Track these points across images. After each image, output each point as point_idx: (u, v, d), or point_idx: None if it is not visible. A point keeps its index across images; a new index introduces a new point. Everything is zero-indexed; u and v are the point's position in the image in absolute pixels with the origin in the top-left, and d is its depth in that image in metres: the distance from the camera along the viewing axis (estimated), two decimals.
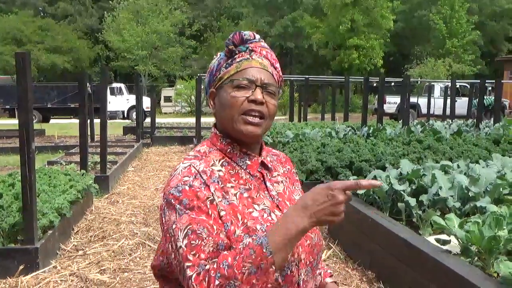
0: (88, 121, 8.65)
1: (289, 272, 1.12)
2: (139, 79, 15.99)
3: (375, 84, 18.74)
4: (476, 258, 2.93)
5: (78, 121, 6.90)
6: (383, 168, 5.51)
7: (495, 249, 2.81)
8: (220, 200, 1.11)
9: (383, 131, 9.01)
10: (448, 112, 15.60)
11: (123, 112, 25.96)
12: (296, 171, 1.46)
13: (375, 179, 4.58)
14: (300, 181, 1.43)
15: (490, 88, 21.74)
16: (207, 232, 1.05)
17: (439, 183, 4.08)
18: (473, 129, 10.38)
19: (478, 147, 6.89)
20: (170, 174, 1.18)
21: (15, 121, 4.44)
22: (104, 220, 5.51)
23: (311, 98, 29.38)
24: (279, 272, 1.05)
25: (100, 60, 40.80)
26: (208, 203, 1.08)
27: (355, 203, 4.39)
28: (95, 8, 43.82)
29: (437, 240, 3.22)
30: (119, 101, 25.78)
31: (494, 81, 13.56)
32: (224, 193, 1.13)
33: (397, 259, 3.48)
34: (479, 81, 13.80)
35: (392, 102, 22.38)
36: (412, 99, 20.44)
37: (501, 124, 10.41)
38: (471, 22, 35.04)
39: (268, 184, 1.24)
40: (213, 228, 1.06)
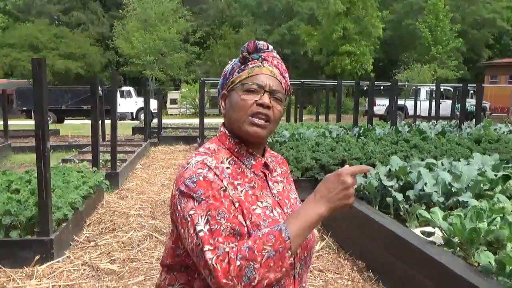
0: (100, 122, 8.64)
1: None
2: (147, 83, 16.01)
3: (365, 88, 18.76)
4: (458, 248, 2.94)
5: (90, 122, 6.89)
6: (373, 166, 5.51)
7: (476, 240, 2.82)
8: (233, 192, 1.12)
9: (373, 131, 9.00)
10: (433, 113, 15.60)
11: (132, 113, 25.93)
12: (290, 172, 1.46)
13: (365, 176, 4.58)
14: (295, 177, 1.44)
15: (472, 92, 21.73)
16: (226, 217, 1.06)
17: (425, 179, 4.09)
18: (456, 129, 10.39)
19: (461, 146, 6.89)
20: (183, 167, 1.17)
21: (32, 122, 4.44)
22: (114, 213, 5.50)
23: (307, 100, 29.36)
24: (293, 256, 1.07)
25: (110, 65, 40.74)
26: (222, 192, 1.09)
27: None
28: (106, 17, 43.73)
29: (422, 232, 3.23)
30: (128, 103, 25.75)
31: (475, 85, 13.55)
32: (234, 188, 1.14)
33: (385, 250, 3.49)
34: (461, 85, 13.79)
35: (381, 104, 22.37)
36: (400, 102, 20.43)
37: (482, 125, 10.42)
38: (454, 31, 35.03)
39: (270, 183, 1.25)
40: (230, 212, 1.07)
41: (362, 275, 3.68)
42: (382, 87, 23.46)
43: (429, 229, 3.27)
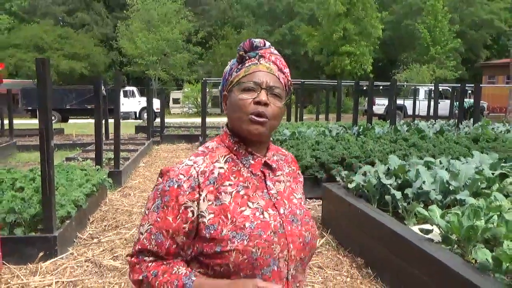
0: (103, 121, 8.64)
1: (276, 268, 1.11)
2: (150, 83, 15.98)
3: (365, 88, 18.74)
4: (455, 246, 2.93)
5: (94, 121, 6.89)
6: (372, 164, 5.50)
7: (473, 237, 2.81)
8: (210, 203, 1.11)
9: (372, 130, 9.00)
10: (431, 113, 15.58)
11: (135, 112, 25.92)
12: (300, 173, 1.43)
13: (364, 174, 4.57)
14: None
15: (470, 91, 21.68)
16: (161, 237, 1.11)
17: (423, 177, 4.08)
18: (454, 128, 10.37)
19: (459, 145, 6.88)
20: (178, 162, 1.18)
21: (37, 121, 4.44)
22: (117, 211, 5.50)
23: (307, 100, 29.37)
24: (266, 268, 1.09)
25: (114, 65, 40.73)
26: (183, 208, 1.10)
27: (346, 196, 4.38)
28: (110, 18, 43.66)
29: (420, 230, 3.22)
30: (132, 102, 25.74)
31: (473, 85, 13.52)
32: (218, 194, 1.12)
33: (384, 247, 3.48)
34: (460, 85, 13.76)
35: (380, 104, 22.33)
36: (399, 101, 20.42)
37: (479, 124, 10.40)
38: (453, 31, 34.92)
39: (268, 183, 1.22)
40: (168, 233, 1.11)
41: (361, 272, 3.68)
42: (381, 87, 23.45)
43: (427, 226, 3.27)
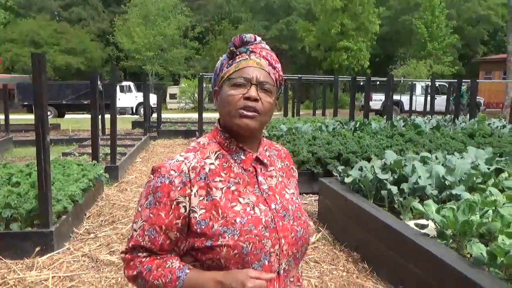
0: (100, 116, 8.62)
1: (266, 263, 1.11)
2: (147, 78, 15.95)
3: (362, 83, 18.73)
4: (451, 240, 2.94)
5: (90, 116, 6.87)
6: (368, 159, 5.51)
7: (468, 232, 2.82)
8: (201, 199, 1.11)
9: (368, 126, 9.00)
10: (428, 108, 15.60)
11: (132, 108, 25.86)
12: (295, 168, 1.42)
13: (361, 169, 4.58)
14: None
15: (466, 87, 21.70)
16: (155, 233, 1.12)
17: (419, 172, 4.09)
18: (450, 124, 10.39)
19: (455, 140, 6.90)
20: (170, 158, 1.18)
21: (32, 116, 4.42)
22: (114, 206, 5.50)
23: (304, 95, 29.34)
24: (257, 263, 1.09)
25: (111, 60, 40.57)
26: (175, 203, 1.11)
27: (343, 191, 4.39)
28: (106, 13, 43.44)
29: (416, 225, 3.23)
30: (128, 98, 25.68)
31: (469, 80, 13.54)
32: (209, 189, 1.13)
33: (380, 242, 3.49)
34: (456, 80, 13.78)
35: (377, 99, 22.34)
36: (396, 97, 20.44)
37: (476, 119, 10.43)
38: (450, 27, 34.92)
39: (260, 178, 1.21)
40: (161, 229, 1.11)
41: (357, 266, 3.69)
42: (378, 83, 23.44)
43: (422, 221, 3.28)
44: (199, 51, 39.26)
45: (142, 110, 15.33)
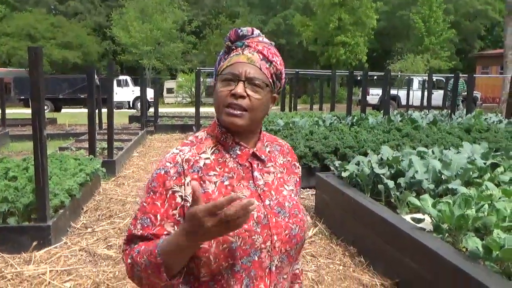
0: (96, 110, 8.60)
1: (256, 258, 1.11)
2: (144, 72, 15.90)
3: (359, 78, 18.73)
4: (447, 234, 2.96)
5: (87, 110, 6.85)
6: (365, 154, 5.53)
7: (464, 226, 2.84)
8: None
9: (366, 120, 9.01)
10: (425, 103, 15.63)
11: (129, 102, 25.78)
12: (298, 165, 1.40)
13: (358, 164, 4.59)
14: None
15: (463, 81, 21.71)
16: (148, 222, 1.11)
17: (416, 167, 4.11)
18: (447, 119, 10.41)
19: (451, 135, 6.92)
20: (168, 152, 1.20)
21: (29, 110, 4.41)
22: (111, 200, 5.50)
23: (301, 90, 29.32)
24: (246, 258, 1.09)
25: (107, 54, 40.40)
26: (170, 192, 1.11)
27: (340, 186, 4.41)
28: (103, 6, 43.21)
29: (412, 219, 3.25)
30: (125, 92, 25.59)
31: (467, 75, 13.56)
32: (202, 182, 1.13)
33: (376, 236, 3.51)
34: (453, 75, 13.80)
35: (374, 94, 22.34)
36: (393, 92, 20.44)
37: (472, 114, 10.46)
38: (447, 22, 34.92)
39: (256, 173, 1.20)
40: (156, 219, 1.11)
41: (353, 260, 3.71)
42: (375, 77, 23.45)
43: (419, 215, 3.30)
44: (196, 45, 39.14)
45: (139, 104, 15.28)
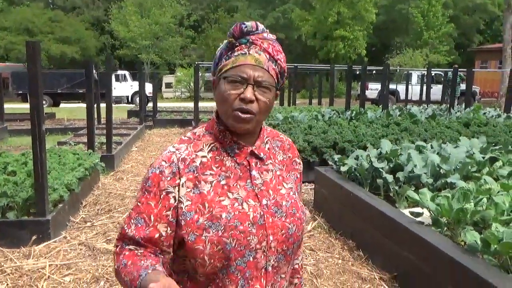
0: (95, 105, 8.58)
1: (251, 259, 1.10)
2: (142, 67, 15.86)
3: (358, 72, 18.73)
4: (445, 228, 2.97)
5: (85, 105, 6.84)
6: (364, 148, 5.54)
7: (463, 220, 2.85)
8: (188, 190, 1.10)
9: (364, 115, 9.02)
10: (424, 97, 15.63)
11: (127, 97, 25.72)
12: (299, 160, 1.35)
13: (357, 158, 4.60)
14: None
15: (463, 76, 21.71)
16: (142, 222, 1.10)
17: (414, 161, 4.11)
18: (446, 113, 10.42)
19: (450, 129, 6.92)
20: (165, 149, 1.18)
21: (27, 105, 4.40)
22: (110, 195, 5.51)
23: (300, 84, 29.28)
24: (241, 259, 1.08)
25: (105, 49, 40.24)
26: (164, 193, 1.10)
27: (339, 180, 4.41)
28: (101, 1, 43.02)
29: (411, 213, 3.26)
30: (124, 87, 25.53)
31: (465, 69, 13.55)
32: (197, 182, 1.11)
33: (375, 230, 3.52)
34: (452, 69, 13.79)
35: (373, 89, 22.31)
36: (392, 86, 20.42)
37: (471, 108, 10.46)
38: (446, 16, 34.84)
39: (254, 172, 1.18)
40: (150, 219, 1.10)
41: (352, 254, 3.72)
42: (374, 72, 23.43)
43: (417, 209, 3.30)
44: (195, 40, 39.00)
45: (138, 99, 15.26)
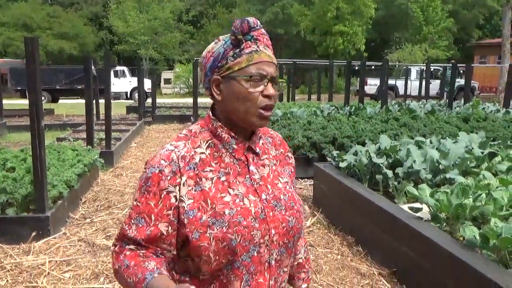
0: (94, 101, 8.56)
1: (255, 254, 1.11)
2: (141, 63, 15.83)
3: (357, 68, 18.70)
4: (444, 224, 2.98)
5: (84, 101, 6.83)
6: (363, 144, 5.54)
7: (462, 215, 2.85)
8: (190, 188, 1.10)
9: (363, 110, 9.01)
10: (423, 93, 15.62)
11: (126, 93, 25.67)
12: (291, 155, 1.38)
13: (356, 153, 4.60)
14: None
15: (461, 71, 21.71)
16: (143, 222, 1.10)
17: (413, 157, 4.11)
18: (445, 108, 10.41)
19: (449, 125, 6.92)
20: (162, 147, 1.17)
21: (26, 101, 4.39)
22: (109, 191, 5.51)
23: (299, 80, 29.26)
24: (246, 254, 1.09)
25: (104, 45, 40.11)
26: (164, 193, 1.10)
27: (338, 176, 4.41)
28: None
29: (410, 208, 3.26)
30: (122, 83, 25.48)
31: (464, 64, 13.54)
32: (198, 179, 1.11)
33: (374, 225, 3.53)
34: (451, 65, 13.77)
35: (372, 84, 22.29)
36: (391, 81, 20.41)
37: (470, 104, 10.46)
38: (445, 11, 34.79)
39: (252, 168, 1.18)
40: (151, 219, 1.10)
41: (351, 250, 3.73)
42: (373, 67, 23.40)
43: (417, 205, 3.31)
44: (194, 35, 38.91)
45: (137, 95, 15.23)
